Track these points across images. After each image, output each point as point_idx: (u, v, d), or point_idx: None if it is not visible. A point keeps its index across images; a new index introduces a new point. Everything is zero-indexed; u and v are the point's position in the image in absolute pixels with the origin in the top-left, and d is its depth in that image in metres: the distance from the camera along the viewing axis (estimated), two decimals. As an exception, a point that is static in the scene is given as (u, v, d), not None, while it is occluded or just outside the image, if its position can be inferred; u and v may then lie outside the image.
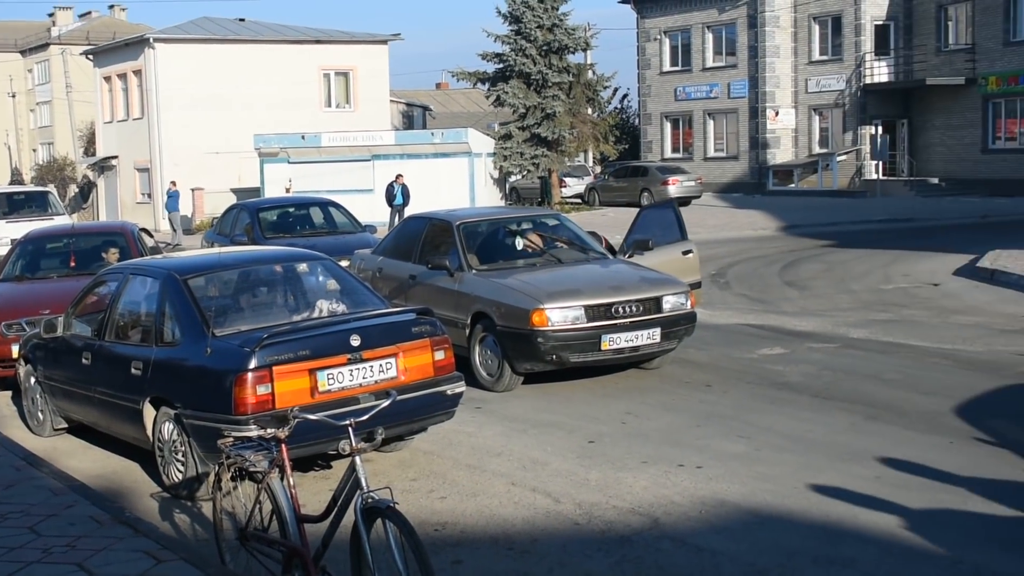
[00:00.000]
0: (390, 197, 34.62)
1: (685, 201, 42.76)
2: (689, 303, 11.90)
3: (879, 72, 45.92)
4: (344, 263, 12.30)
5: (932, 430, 9.36)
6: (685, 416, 10.20)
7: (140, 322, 9.12)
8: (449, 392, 8.68)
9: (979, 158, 43.13)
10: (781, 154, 48.50)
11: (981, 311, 15.99)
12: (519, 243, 13.13)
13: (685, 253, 13.93)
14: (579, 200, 46.35)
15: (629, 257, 13.24)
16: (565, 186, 46.39)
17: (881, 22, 45.88)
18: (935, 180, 44.00)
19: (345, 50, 48.40)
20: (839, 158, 46.11)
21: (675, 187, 42.58)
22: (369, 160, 39.78)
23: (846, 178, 45.89)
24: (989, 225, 30.79)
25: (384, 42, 49.72)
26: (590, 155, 51.05)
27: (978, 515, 7.26)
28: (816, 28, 47.50)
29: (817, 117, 47.89)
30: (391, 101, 52.84)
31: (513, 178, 44.56)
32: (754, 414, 10.13)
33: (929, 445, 8.90)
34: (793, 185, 47.42)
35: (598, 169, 52.17)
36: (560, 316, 11.17)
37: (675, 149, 52.61)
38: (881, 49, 46.04)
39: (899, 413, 10.00)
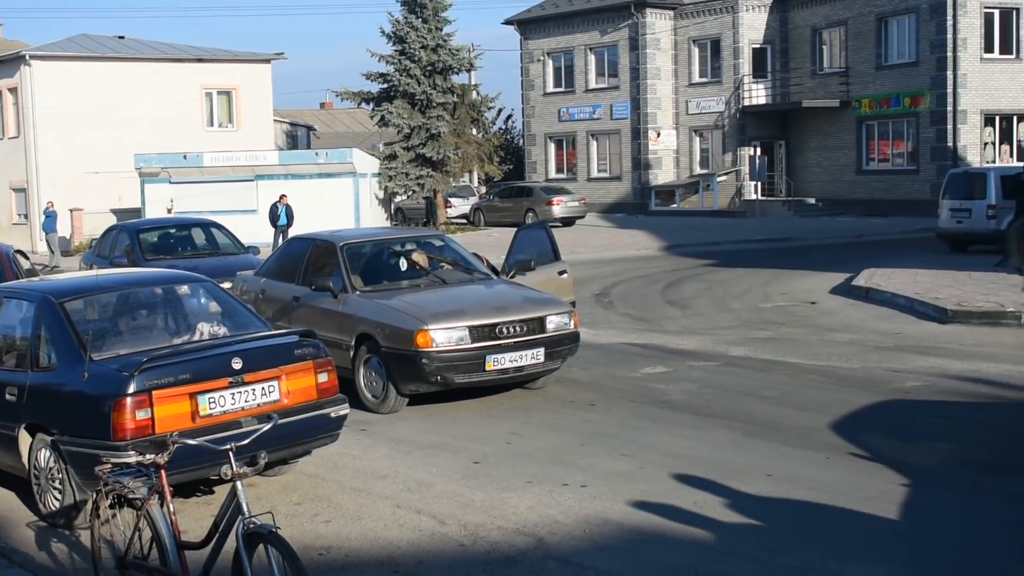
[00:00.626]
0: (274, 218, 34.28)
1: (569, 221, 43.15)
2: (572, 323, 12.01)
3: (757, 94, 46.89)
4: (226, 285, 12.17)
5: (809, 446, 9.57)
6: (569, 435, 10.28)
7: (15, 347, 8.90)
8: (333, 415, 8.64)
9: (854, 179, 44.24)
10: (663, 175, 49.20)
11: (856, 328, 16.40)
12: (403, 264, 13.13)
13: (560, 273, 14.11)
14: (464, 220, 46.46)
15: (511, 277, 13.33)
16: (450, 206, 46.47)
17: (759, 45, 46.87)
18: (812, 200, 45.01)
19: (227, 69, 47.86)
20: (719, 179, 46.94)
21: (559, 207, 42.92)
22: (252, 180, 39.38)
23: (726, 198, 46.73)
24: (864, 244, 31.61)
25: (267, 61, 49.27)
26: (475, 175, 51.22)
27: (855, 528, 7.43)
28: (696, 51, 48.34)
29: (698, 138, 48.71)
30: (275, 121, 52.37)
31: (398, 198, 44.50)
32: (637, 432, 10.26)
33: (806, 460, 9.10)
34: (675, 205, 48.11)
35: (483, 189, 52.34)
36: (445, 337, 11.18)
37: (559, 169, 53.03)
38: (759, 72, 47.02)
39: (777, 429, 10.20)
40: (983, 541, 7.17)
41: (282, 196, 34.87)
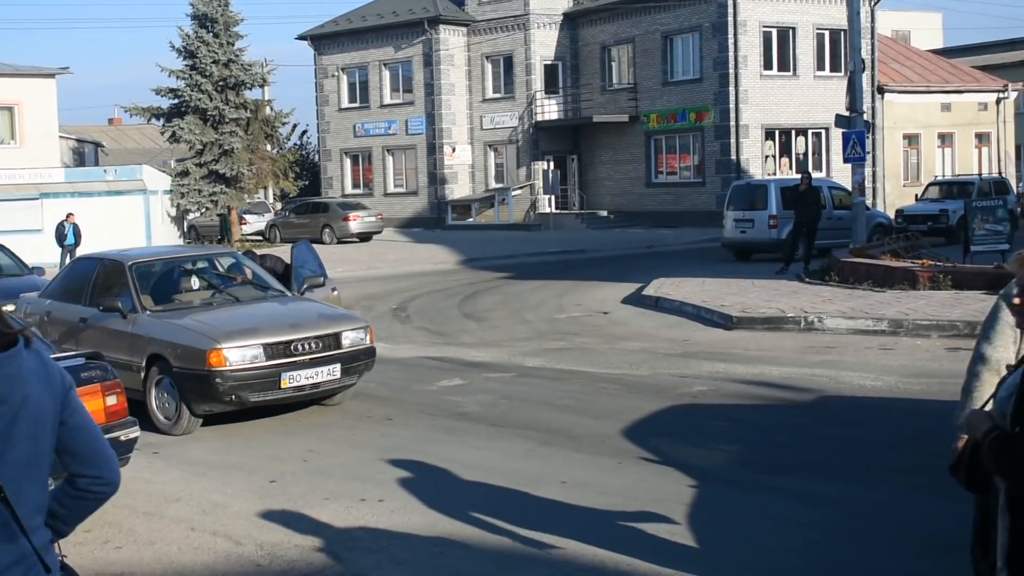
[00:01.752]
0: (60, 237, 33.17)
1: (366, 237, 43.07)
2: (368, 338, 12.03)
3: (549, 110, 47.74)
4: (9, 307, 11.77)
5: (602, 452, 9.82)
6: (367, 451, 10.29)
7: None
8: (123, 438, 8.45)
9: (644, 191, 45.48)
10: (459, 189, 49.60)
11: (647, 336, 16.88)
12: (195, 282, 12.92)
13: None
14: (260, 237, 45.85)
15: (302, 294, 13.27)
16: (245, 223, 45.80)
17: (550, 62, 47.75)
18: (604, 213, 46.07)
19: (8, 84, 46.07)
20: (514, 193, 47.58)
21: (356, 223, 42.82)
22: (37, 199, 38.05)
23: (521, 212, 47.40)
24: (654, 255, 32.52)
25: (51, 75, 47.64)
26: (270, 192, 50.59)
27: (645, 530, 7.67)
28: (489, 67, 48.92)
29: (492, 153, 49.28)
30: (60, 137, 50.68)
31: (191, 216, 43.63)
32: (434, 445, 10.34)
33: (599, 467, 9.33)
34: (471, 219, 48.54)
35: (279, 206, 51.75)
36: (238, 355, 11.05)
37: (356, 185, 52.88)
38: (551, 88, 47.89)
39: (571, 437, 10.44)
40: (765, 537, 7.49)
41: (69, 215, 33.78)
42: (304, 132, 63.37)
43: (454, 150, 49.23)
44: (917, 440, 9.91)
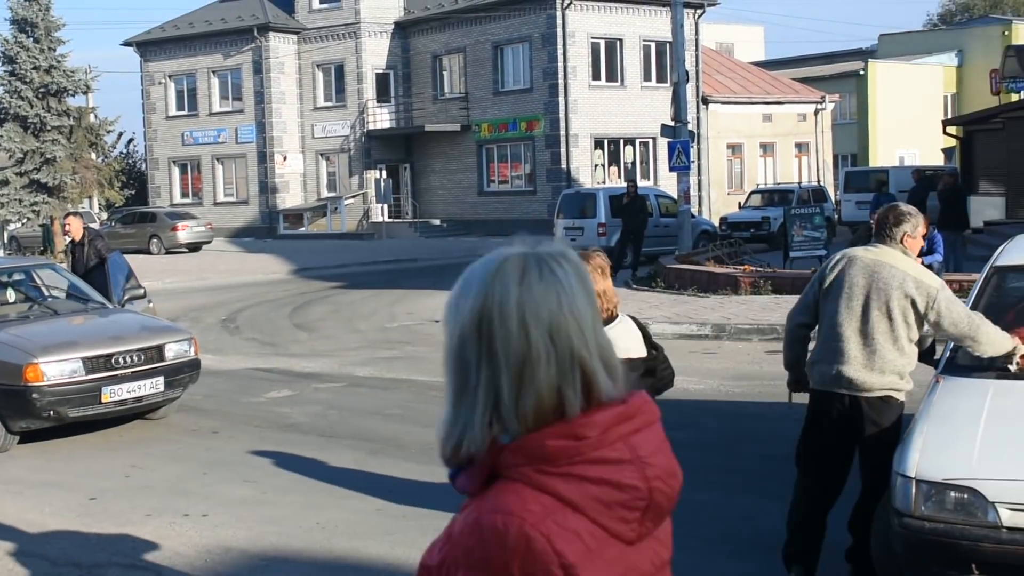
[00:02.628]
0: None
1: (196, 247, 42.27)
2: (193, 350, 11.82)
3: (382, 118, 47.62)
4: None
5: (431, 460, 9.81)
6: (191, 465, 10.11)
7: None
8: (-69, 457, 8.14)
9: (476, 200, 45.71)
10: (291, 198, 49.08)
11: (478, 345, 16.93)
12: (11, 295, 12.51)
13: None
14: (84, 248, 44.49)
15: (122, 306, 12.96)
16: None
17: (381, 70, 47.62)
18: (437, 221, 46.15)
19: None
20: (346, 201, 47.31)
21: (185, 233, 41.98)
22: None
23: (354, 221, 47.15)
24: (487, 263, 32.64)
25: None
26: (95, 201, 49.24)
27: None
28: (320, 75, 48.54)
29: (324, 162, 48.91)
30: None
31: (12, 226, 42.18)
32: (261, 458, 10.22)
33: (428, 474, 9.33)
34: (304, 229, 48.09)
35: (104, 215, 50.40)
36: (56, 370, 10.73)
37: (184, 194, 51.85)
38: (383, 96, 47.76)
39: (399, 446, 10.43)
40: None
41: None
42: (131, 140, 61.86)
43: (285, 159, 48.69)
44: (738, 441, 10.21)
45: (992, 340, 6.13)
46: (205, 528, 8.17)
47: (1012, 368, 6.15)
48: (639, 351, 4.62)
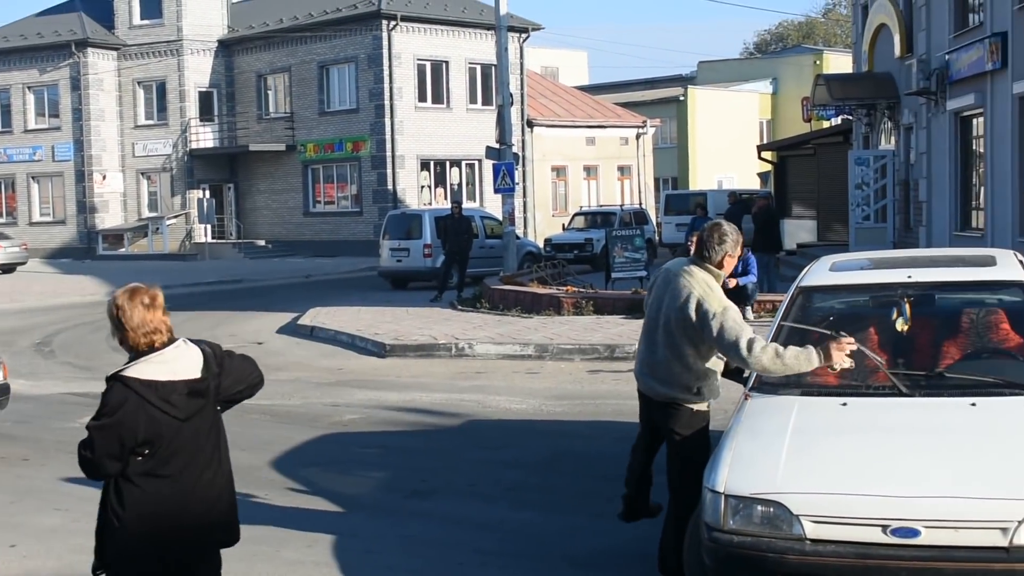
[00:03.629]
0: None
1: (10, 268, 40.81)
2: (1, 374, 11.41)
3: (205, 137, 46.82)
4: None
5: (250, 484, 9.66)
6: (-1, 494, 9.76)
7: None
8: None
9: (302, 220, 45.31)
10: (110, 218, 47.83)
11: (301, 366, 16.81)
12: None
13: None
14: None
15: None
16: None
17: (205, 89, 46.86)
18: (262, 242, 45.57)
19: None
20: (168, 222, 46.34)
21: (-3, 253, 40.50)
22: None
23: (176, 241, 46.20)
24: (312, 284, 32.42)
25: None
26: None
27: (292, 563, 7.63)
28: (141, 93, 47.49)
29: (146, 181, 47.84)
30: None
31: None
32: (72, 485, 9.88)
33: (244, 501, 9.17)
34: (124, 249, 46.88)
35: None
36: None
37: (-3, 213, 50.07)
38: (206, 115, 46.99)
39: (219, 471, 10.23)
40: (410, 562, 7.60)
41: None
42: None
43: (104, 177, 47.42)
44: (559, 460, 10.34)
45: (778, 364, 6.21)
46: (13, 559, 7.90)
47: (836, 368, 6.31)
48: (192, 373, 4.88)
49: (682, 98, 57.60)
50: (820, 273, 7.88)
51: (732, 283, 17.45)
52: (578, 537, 7.96)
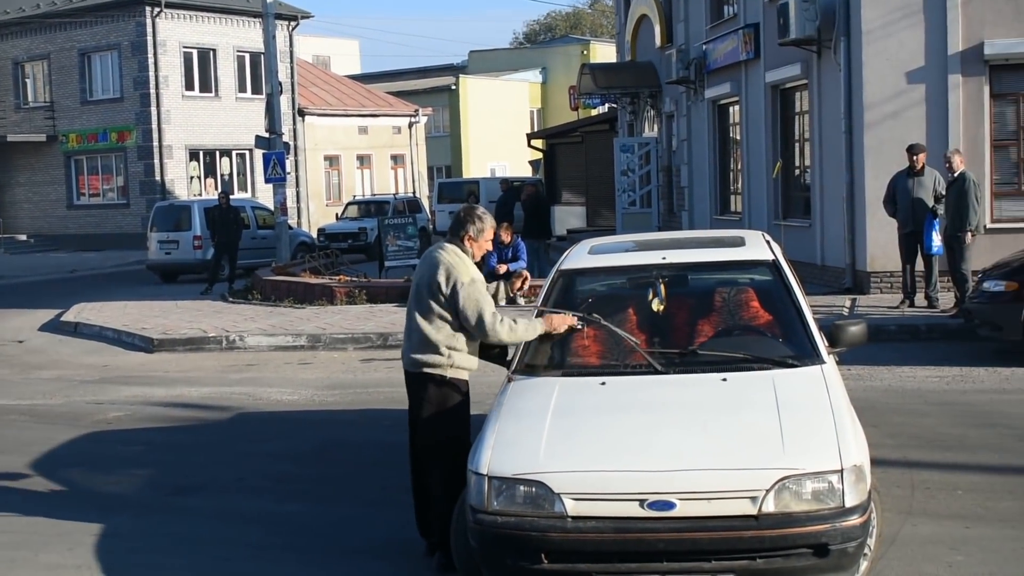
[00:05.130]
0: None
1: None
2: None
3: (-43, 128, 44.59)
4: None
5: (6, 489, 9.29)
6: None
7: None
8: None
9: (66, 214, 43.64)
10: None
11: (64, 364, 16.23)
12: None
13: None
14: None
15: None
16: None
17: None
18: (24, 237, 43.66)
19: None
20: (-81, 217, 43.94)
21: None
22: None
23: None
24: (78, 279, 31.21)
25: None
26: None
27: (51, 564, 7.37)
28: None
29: None
30: None
31: None
32: None
33: (1, 507, 8.82)
34: None
35: None
36: None
37: None
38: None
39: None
40: (175, 559, 7.42)
41: None
42: None
43: None
44: (330, 450, 10.29)
45: (512, 336, 6.83)
46: None
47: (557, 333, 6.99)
48: None
49: (454, 87, 57.93)
50: (579, 256, 8.07)
51: (502, 269, 17.74)
52: (348, 526, 7.94)
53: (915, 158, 15.36)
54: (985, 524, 7.23)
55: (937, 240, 15.15)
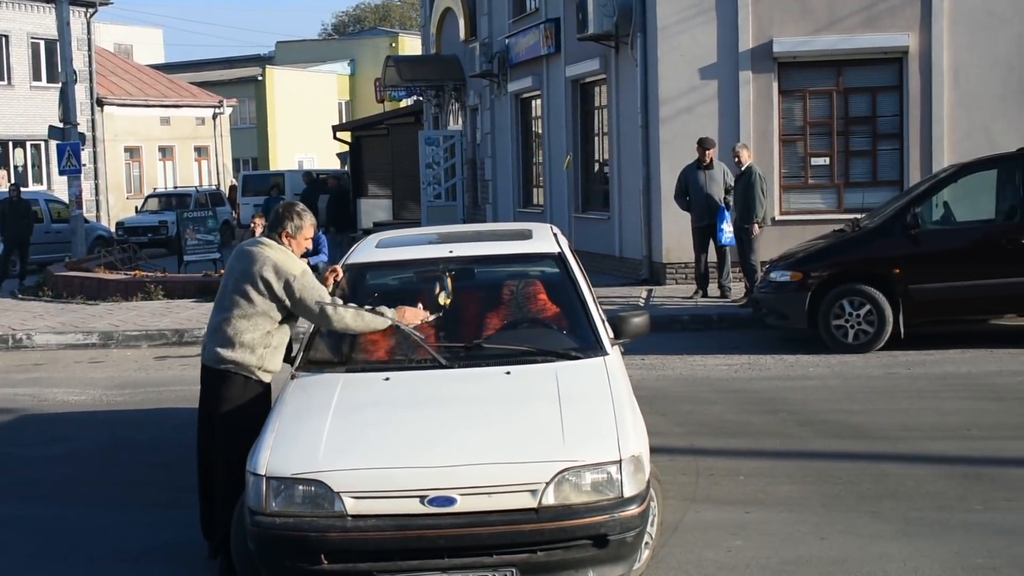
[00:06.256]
0: None
1: None
2: None
3: None
4: None
5: None
6: None
7: None
8: None
9: None
10: None
11: None
12: None
13: None
14: None
15: None
16: None
17: None
18: None
19: None
20: None
21: None
22: None
23: None
24: None
25: None
26: None
27: None
28: None
29: None
30: None
31: None
32: None
33: None
34: None
35: None
36: None
37: None
38: None
39: None
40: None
41: None
42: None
43: None
44: (115, 451, 9.96)
45: (360, 322, 6.70)
46: None
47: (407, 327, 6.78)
48: None
49: (260, 78, 57.04)
50: (366, 250, 8.00)
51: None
52: (130, 530, 7.67)
53: (705, 152, 15.76)
54: (764, 508, 7.42)
55: (728, 231, 15.56)
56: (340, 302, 6.75)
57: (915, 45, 17.08)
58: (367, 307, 6.83)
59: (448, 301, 7.19)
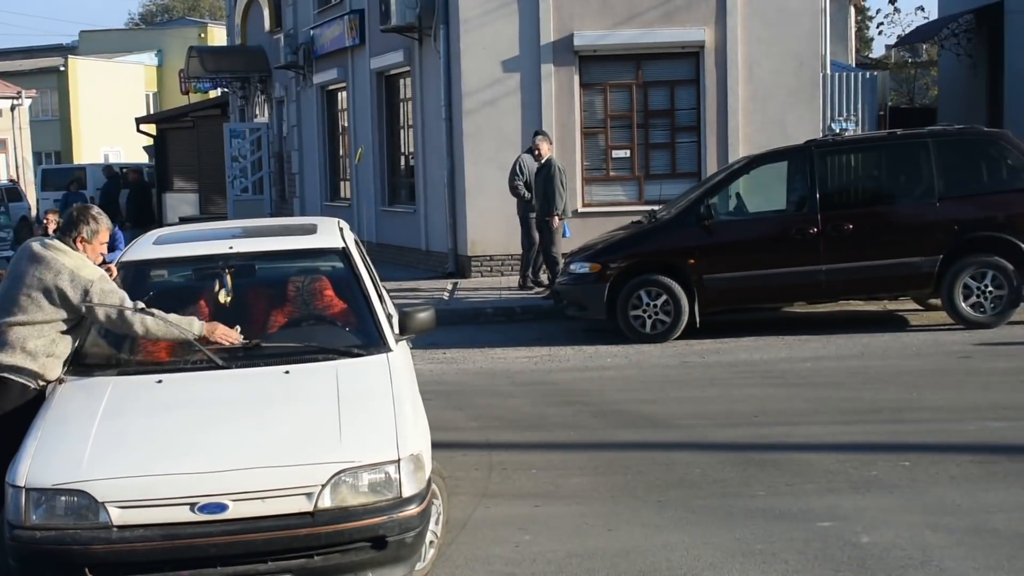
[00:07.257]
0: None
1: None
2: None
3: None
4: None
5: None
6: None
7: None
8: None
9: None
10: None
11: None
12: None
13: None
14: None
15: None
16: None
17: None
18: None
19: None
20: None
21: None
22: None
23: None
24: None
25: None
26: None
27: None
28: None
29: None
30: None
31: None
32: None
33: None
34: None
35: None
36: None
37: None
38: None
39: None
40: None
41: None
42: None
43: None
44: None
45: (162, 329, 6.40)
46: None
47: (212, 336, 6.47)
48: None
49: (63, 68, 55.05)
50: (142, 247, 7.71)
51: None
52: None
53: (541, 145, 15.57)
54: (554, 501, 7.42)
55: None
56: (142, 305, 6.43)
57: (711, 40, 17.43)
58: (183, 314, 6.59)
59: (228, 299, 6.98)
